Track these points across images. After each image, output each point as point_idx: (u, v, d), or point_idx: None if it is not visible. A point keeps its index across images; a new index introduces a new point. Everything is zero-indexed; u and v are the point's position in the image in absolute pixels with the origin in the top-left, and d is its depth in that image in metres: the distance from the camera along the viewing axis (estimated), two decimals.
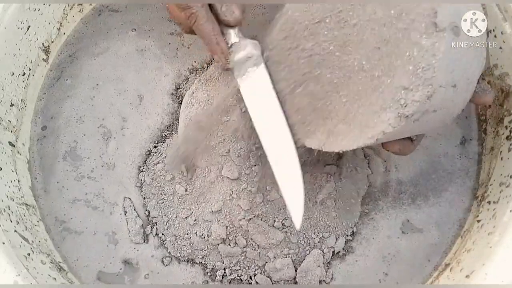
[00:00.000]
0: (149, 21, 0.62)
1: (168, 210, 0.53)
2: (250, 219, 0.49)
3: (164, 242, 0.53)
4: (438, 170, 0.55)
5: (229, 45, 0.45)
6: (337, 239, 0.52)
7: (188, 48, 0.61)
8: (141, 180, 0.55)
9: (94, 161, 0.56)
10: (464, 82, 0.36)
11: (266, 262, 0.50)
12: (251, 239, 0.50)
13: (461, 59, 0.35)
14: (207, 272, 0.52)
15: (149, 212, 0.54)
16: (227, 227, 0.50)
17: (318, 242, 0.51)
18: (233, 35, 0.45)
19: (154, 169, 0.54)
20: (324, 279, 0.51)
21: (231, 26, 0.45)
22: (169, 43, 0.61)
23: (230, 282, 0.51)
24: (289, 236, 0.50)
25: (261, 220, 0.50)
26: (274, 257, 0.50)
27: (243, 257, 0.51)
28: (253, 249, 0.50)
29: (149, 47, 0.61)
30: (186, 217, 0.51)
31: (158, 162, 0.55)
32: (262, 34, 0.45)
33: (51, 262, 0.49)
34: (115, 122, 0.58)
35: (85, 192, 0.55)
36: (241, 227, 0.50)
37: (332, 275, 0.51)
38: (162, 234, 0.53)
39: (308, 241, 0.51)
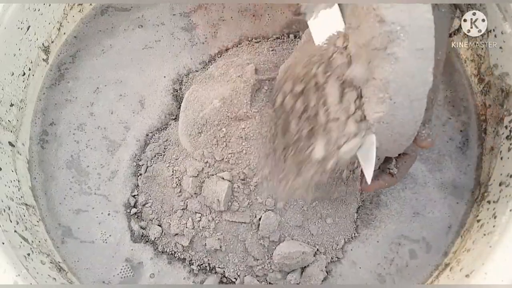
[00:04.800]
0: (160, 15, 0.62)
1: (169, 211, 0.53)
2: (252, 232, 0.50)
3: (164, 243, 0.53)
4: (433, 150, 0.56)
5: None
6: (340, 241, 0.52)
7: (195, 45, 0.61)
8: (142, 181, 0.55)
9: (100, 176, 0.56)
10: (404, 97, 0.34)
11: (267, 274, 0.51)
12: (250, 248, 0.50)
13: (399, 69, 0.33)
14: (207, 273, 0.52)
15: (150, 212, 0.54)
16: (223, 237, 0.50)
17: (321, 246, 0.51)
18: None
19: (152, 169, 0.54)
20: (324, 279, 0.51)
21: None
22: (178, 39, 0.61)
23: (230, 283, 0.51)
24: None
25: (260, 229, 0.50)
26: (278, 269, 0.50)
27: (244, 262, 0.51)
28: (254, 259, 0.51)
29: (156, 44, 0.61)
30: (186, 219, 0.52)
31: (156, 162, 0.55)
32: None
33: (50, 262, 0.49)
34: (117, 131, 0.57)
35: (92, 206, 0.55)
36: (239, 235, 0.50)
37: (332, 275, 0.52)
38: (163, 235, 0.53)
39: (314, 245, 0.51)
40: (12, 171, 0.52)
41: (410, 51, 0.33)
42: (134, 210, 0.54)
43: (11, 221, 0.47)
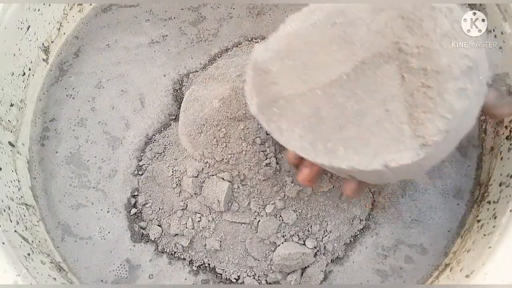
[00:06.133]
0: (168, 10, 0.62)
1: (169, 211, 0.53)
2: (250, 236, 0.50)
3: (164, 243, 0.53)
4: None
5: None
6: (340, 242, 0.52)
7: (199, 42, 0.61)
8: (142, 181, 0.55)
9: (100, 171, 0.56)
10: (453, 133, 0.34)
11: (267, 274, 0.51)
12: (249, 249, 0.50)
13: (467, 107, 0.33)
14: (207, 273, 0.52)
15: (150, 213, 0.54)
16: (223, 238, 0.50)
17: (324, 247, 0.51)
18: None
19: (152, 169, 0.54)
20: (324, 279, 0.51)
21: None
22: (185, 34, 0.61)
23: (230, 282, 0.51)
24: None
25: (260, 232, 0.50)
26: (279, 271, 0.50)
27: (244, 262, 0.51)
28: (254, 259, 0.50)
29: (162, 39, 0.61)
30: (186, 219, 0.52)
31: (155, 162, 0.55)
32: None
33: (51, 262, 0.49)
34: (118, 126, 0.57)
35: (91, 201, 0.55)
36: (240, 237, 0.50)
37: (333, 275, 0.52)
38: (163, 235, 0.53)
39: (314, 246, 0.51)
40: (12, 171, 0.52)
41: (476, 91, 0.33)
42: (134, 210, 0.54)
43: (11, 221, 0.47)
